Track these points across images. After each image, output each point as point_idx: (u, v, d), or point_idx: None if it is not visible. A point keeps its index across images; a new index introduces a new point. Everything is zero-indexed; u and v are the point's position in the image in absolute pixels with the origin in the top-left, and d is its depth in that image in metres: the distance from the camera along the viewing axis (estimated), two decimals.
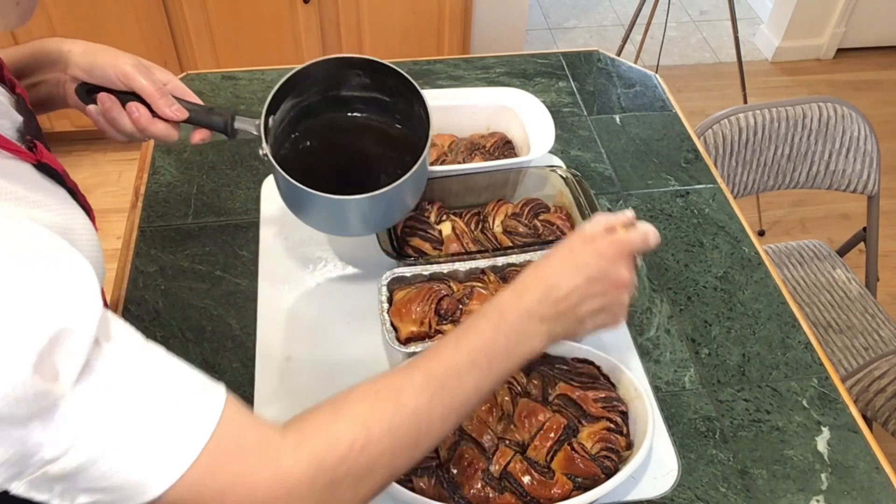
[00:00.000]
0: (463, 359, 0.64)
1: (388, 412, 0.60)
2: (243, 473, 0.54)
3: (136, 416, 0.51)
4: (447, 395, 0.62)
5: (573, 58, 1.50)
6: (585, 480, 0.81)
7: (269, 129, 0.90)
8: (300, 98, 0.95)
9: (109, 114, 0.81)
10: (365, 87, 0.97)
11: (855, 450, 0.91)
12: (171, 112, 0.82)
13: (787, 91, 3.10)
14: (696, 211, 1.20)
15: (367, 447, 0.58)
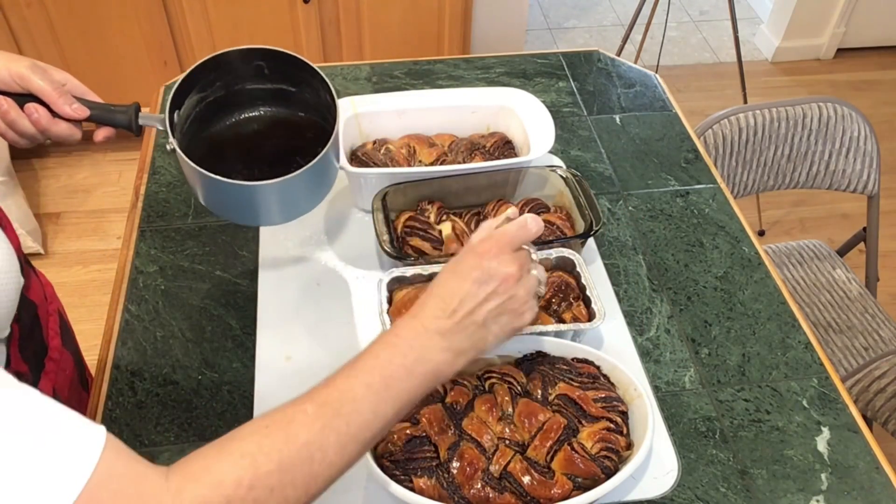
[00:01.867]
0: (357, 383, 0.63)
1: (277, 446, 0.58)
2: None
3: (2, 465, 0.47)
4: (341, 424, 0.60)
5: (573, 58, 1.50)
6: (585, 480, 0.81)
7: (176, 125, 0.89)
8: (205, 93, 0.94)
9: (7, 116, 0.79)
10: (268, 78, 0.95)
11: (855, 450, 0.91)
12: (71, 111, 0.80)
13: (787, 91, 3.10)
14: (696, 211, 1.20)
15: (256, 485, 0.56)
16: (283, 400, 0.92)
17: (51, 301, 0.95)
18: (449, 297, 0.68)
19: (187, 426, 0.90)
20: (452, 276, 0.70)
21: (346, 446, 0.61)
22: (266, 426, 0.59)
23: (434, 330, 0.67)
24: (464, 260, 0.70)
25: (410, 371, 0.65)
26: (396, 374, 0.64)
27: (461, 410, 0.86)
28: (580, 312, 0.96)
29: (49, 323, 0.91)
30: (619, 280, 1.09)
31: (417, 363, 0.65)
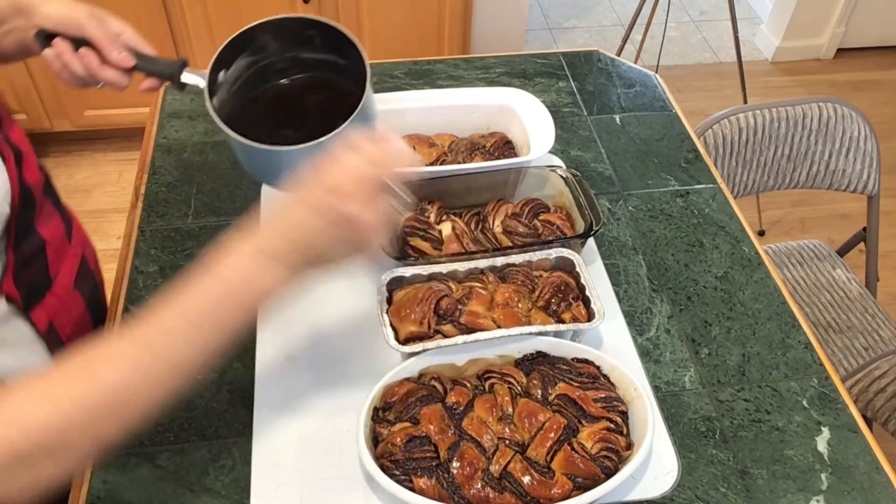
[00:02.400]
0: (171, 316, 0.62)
1: (84, 389, 0.58)
2: None
3: None
4: (156, 362, 0.61)
5: (573, 58, 1.50)
6: (585, 480, 0.81)
7: (220, 84, 0.92)
8: (257, 56, 0.95)
9: (62, 57, 0.85)
10: (319, 48, 0.95)
11: (855, 450, 0.91)
12: (117, 59, 0.86)
13: (787, 91, 3.10)
14: (696, 211, 1.20)
15: (66, 431, 0.57)
16: (284, 400, 0.92)
17: (75, 245, 0.97)
18: (294, 227, 0.66)
19: (187, 426, 0.90)
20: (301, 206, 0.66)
21: (164, 381, 0.61)
22: (76, 367, 0.60)
23: (266, 252, 0.64)
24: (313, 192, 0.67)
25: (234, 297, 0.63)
26: (217, 303, 0.63)
27: (461, 410, 0.86)
28: (580, 312, 0.96)
29: (63, 262, 0.92)
30: (619, 280, 1.09)
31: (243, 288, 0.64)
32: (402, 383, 0.88)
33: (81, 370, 0.60)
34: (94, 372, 0.59)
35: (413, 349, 0.89)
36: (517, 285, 0.97)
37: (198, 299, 0.63)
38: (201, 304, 0.62)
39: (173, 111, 1.34)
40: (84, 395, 0.58)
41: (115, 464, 0.86)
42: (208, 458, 0.87)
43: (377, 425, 0.85)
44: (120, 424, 0.60)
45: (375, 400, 0.86)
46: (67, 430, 0.57)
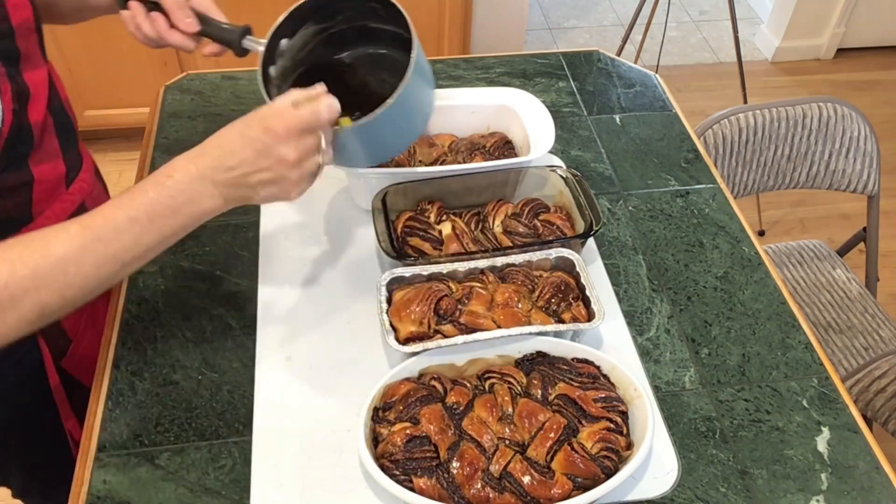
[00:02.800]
0: (122, 214, 0.71)
1: (35, 256, 0.67)
2: None
3: None
4: (100, 248, 0.70)
5: (573, 58, 1.50)
6: (585, 480, 0.81)
7: (281, 52, 0.95)
8: (325, 24, 0.98)
9: (135, 19, 0.93)
10: (385, 20, 0.97)
11: (855, 450, 0.91)
12: (184, 24, 0.92)
13: (787, 91, 3.10)
14: (696, 211, 1.20)
15: (10, 285, 0.66)
16: (284, 400, 0.92)
17: (73, 192, 0.98)
18: (230, 154, 0.75)
19: (187, 426, 0.90)
20: (239, 136, 0.76)
21: (103, 265, 0.71)
22: (30, 239, 0.69)
23: (209, 179, 0.75)
24: (253, 126, 0.76)
25: (177, 211, 0.74)
26: (163, 212, 0.73)
27: (461, 410, 0.86)
28: (580, 312, 0.96)
29: (52, 204, 0.94)
30: (619, 280, 1.09)
31: (185, 205, 0.74)
32: (402, 383, 0.88)
33: (35, 241, 0.69)
34: (46, 244, 0.69)
35: (413, 349, 0.89)
36: (517, 285, 0.97)
37: (146, 204, 0.72)
38: (149, 209, 0.72)
39: (173, 111, 1.34)
40: (34, 261, 0.67)
41: (115, 464, 0.86)
42: (208, 458, 0.87)
43: (377, 425, 0.85)
44: (62, 293, 0.69)
45: (375, 400, 0.86)
46: (15, 288, 0.66)
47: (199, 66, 2.32)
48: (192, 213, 0.75)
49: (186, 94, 1.37)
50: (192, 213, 0.75)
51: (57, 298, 0.69)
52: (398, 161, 1.14)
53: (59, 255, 0.68)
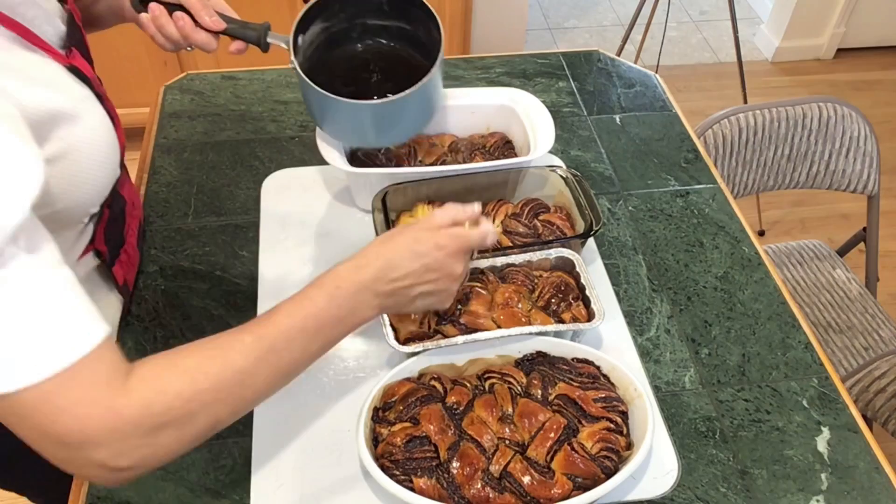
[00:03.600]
0: (294, 324, 0.71)
1: (216, 369, 0.66)
2: (83, 400, 0.60)
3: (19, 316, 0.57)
4: (274, 358, 0.69)
5: (573, 58, 1.50)
6: (585, 480, 0.81)
7: (300, 47, 1.00)
8: (329, 23, 1.04)
9: (158, 21, 0.92)
10: (387, 15, 1.05)
11: (855, 450, 0.91)
12: (210, 22, 0.92)
13: (787, 91, 3.10)
14: (696, 211, 1.20)
15: (193, 399, 0.64)
16: (284, 400, 0.92)
17: (137, 207, 1.02)
18: (395, 267, 0.76)
19: None
20: (407, 250, 0.78)
21: (273, 377, 0.70)
22: (209, 349, 0.67)
23: (372, 291, 0.75)
24: (424, 242, 0.78)
25: (342, 321, 0.74)
26: (329, 322, 0.73)
27: (461, 410, 0.86)
28: (580, 312, 0.96)
29: (132, 223, 0.99)
30: (619, 280, 1.09)
31: (350, 315, 0.75)
32: (402, 383, 0.88)
33: (214, 351, 0.67)
34: (225, 356, 0.67)
35: (413, 349, 0.89)
36: (517, 285, 0.97)
37: (315, 314, 0.72)
38: (317, 320, 0.72)
39: (173, 111, 1.34)
40: (214, 374, 0.65)
41: None
42: (208, 458, 0.87)
43: (377, 425, 0.85)
44: (235, 407, 0.68)
45: (375, 400, 0.86)
46: (196, 402, 0.64)
47: (199, 67, 2.32)
48: (352, 322, 0.75)
49: (186, 94, 1.37)
50: (352, 322, 0.75)
51: (229, 413, 0.68)
52: (398, 161, 1.14)
53: (238, 367, 0.67)
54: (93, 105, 0.76)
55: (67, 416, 0.59)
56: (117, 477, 0.63)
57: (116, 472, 0.62)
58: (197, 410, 0.65)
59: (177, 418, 0.63)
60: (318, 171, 1.22)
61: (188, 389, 0.64)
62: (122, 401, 0.61)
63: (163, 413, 0.63)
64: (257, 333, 0.69)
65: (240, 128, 1.31)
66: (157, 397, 0.63)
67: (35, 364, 0.57)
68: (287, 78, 1.42)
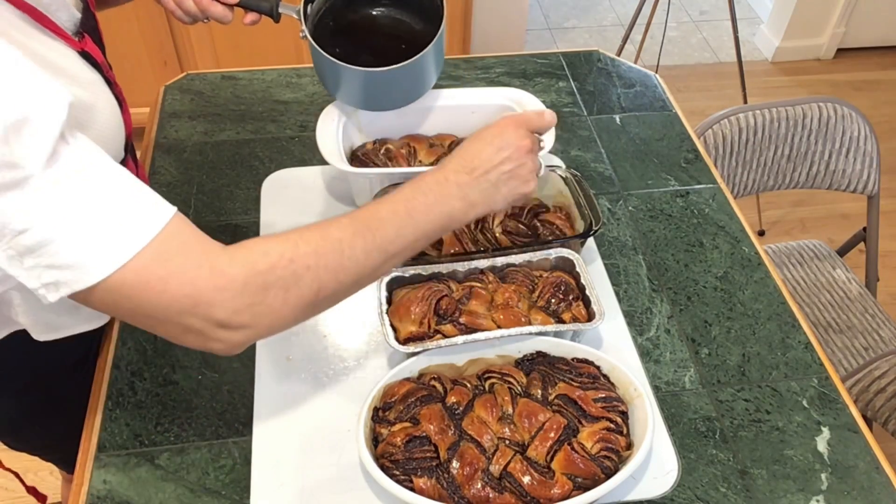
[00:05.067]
0: (385, 207, 0.76)
1: (315, 238, 0.71)
2: (185, 266, 0.64)
3: (94, 205, 0.61)
4: (368, 234, 0.74)
5: (573, 58, 1.50)
6: (585, 480, 0.81)
7: (308, 16, 1.04)
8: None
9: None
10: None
11: (855, 450, 0.91)
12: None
13: (787, 91, 3.10)
14: (696, 211, 1.20)
15: (295, 260, 0.68)
16: (284, 400, 0.92)
17: None
18: (470, 156, 0.81)
19: (187, 426, 0.90)
20: (476, 140, 0.83)
21: (370, 252, 0.74)
22: (307, 226, 0.72)
23: (454, 181, 0.80)
24: (488, 129, 0.84)
25: (430, 208, 0.78)
26: (418, 207, 0.77)
27: (461, 410, 0.86)
28: (580, 312, 0.96)
29: None
30: (619, 280, 1.09)
31: (436, 204, 0.78)
32: (402, 383, 0.88)
33: (314, 227, 0.73)
34: (323, 229, 0.73)
35: (413, 349, 0.89)
36: (517, 285, 0.97)
37: (404, 200, 0.77)
38: (407, 205, 0.77)
39: (173, 111, 1.34)
40: (315, 241, 0.71)
41: (115, 464, 0.86)
42: (208, 458, 0.87)
43: (377, 425, 0.85)
44: (336, 275, 0.72)
45: (375, 400, 0.86)
46: (298, 263, 0.69)
47: (198, 66, 2.32)
48: (441, 213, 0.79)
49: (186, 94, 1.37)
50: (441, 212, 0.79)
51: (332, 280, 0.71)
52: (398, 161, 1.14)
53: (336, 237, 0.72)
54: (101, 90, 0.79)
55: (174, 283, 0.63)
56: (239, 338, 0.67)
57: (237, 330, 0.66)
58: (300, 272, 0.68)
59: (281, 277, 0.67)
60: (318, 171, 1.22)
61: (290, 251, 0.69)
62: (225, 261, 0.66)
63: (267, 271, 0.67)
64: (352, 216, 0.75)
65: (240, 128, 1.31)
66: (261, 258, 0.67)
67: (127, 240, 0.61)
68: (287, 78, 1.42)
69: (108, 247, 0.61)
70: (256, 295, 0.66)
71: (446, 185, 0.80)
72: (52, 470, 1.67)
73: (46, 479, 1.71)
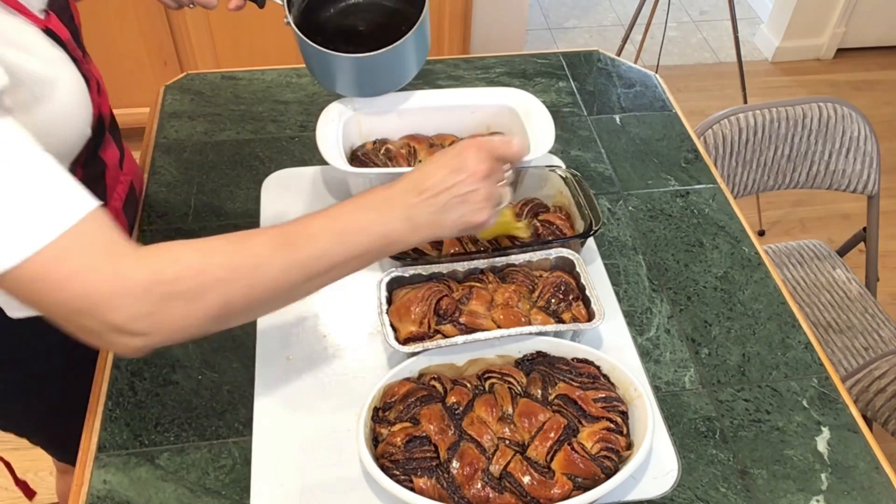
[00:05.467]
0: (318, 223, 0.72)
1: (231, 249, 0.68)
2: (87, 266, 0.62)
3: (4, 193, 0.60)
4: (291, 250, 0.70)
5: (573, 58, 1.50)
6: (585, 480, 0.81)
7: (294, 2, 1.05)
8: None
9: None
10: None
11: (855, 450, 0.91)
12: None
13: (787, 91, 3.10)
14: (696, 211, 1.20)
15: (205, 272, 0.66)
16: (284, 400, 0.92)
17: (126, 172, 1.04)
18: (423, 177, 0.77)
19: (187, 426, 0.90)
20: (432, 162, 0.79)
21: (290, 269, 0.70)
22: (226, 237, 0.70)
23: (400, 202, 0.76)
24: (446, 151, 0.81)
25: (366, 227, 0.74)
26: (354, 225, 0.74)
27: (461, 410, 0.86)
28: (580, 312, 0.96)
29: (115, 187, 1.01)
30: (619, 280, 1.09)
31: (375, 223, 0.75)
32: (402, 383, 0.88)
33: (234, 238, 0.70)
34: (243, 241, 0.70)
35: (413, 349, 0.89)
36: (517, 285, 0.97)
37: (339, 217, 0.74)
38: (340, 223, 0.73)
39: (173, 111, 1.34)
40: (229, 252, 0.68)
41: (115, 464, 0.86)
42: (208, 458, 0.87)
43: (377, 425, 0.85)
44: (248, 292, 0.68)
45: (375, 400, 0.86)
46: (208, 275, 0.66)
47: (198, 67, 2.33)
48: (379, 233, 0.74)
49: (186, 94, 1.37)
50: (378, 233, 0.74)
51: (243, 296, 0.68)
52: (398, 161, 1.14)
53: (254, 253, 0.69)
54: (65, 66, 0.78)
55: (73, 283, 0.62)
56: (136, 343, 0.65)
57: (134, 336, 0.64)
58: (209, 284, 0.66)
59: (187, 289, 0.65)
60: (318, 171, 1.22)
61: (200, 262, 0.66)
62: (130, 265, 0.63)
63: (172, 281, 0.64)
64: (279, 229, 0.71)
65: (240, 128, 1.31)
66: (168, 266, 0.65)
67: (30, 236, 0.60)
68: (287, 78, 1.42)
69: (12, 239, 0.60)
70: (156, 304, 0.64)
71: (390, 204, 0.76)
72: (52, 470, 1.67)
73: (46, 480, 1.71)
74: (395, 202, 0.76)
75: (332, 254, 0.72)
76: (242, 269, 0.68)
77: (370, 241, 0.74)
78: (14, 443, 1.14)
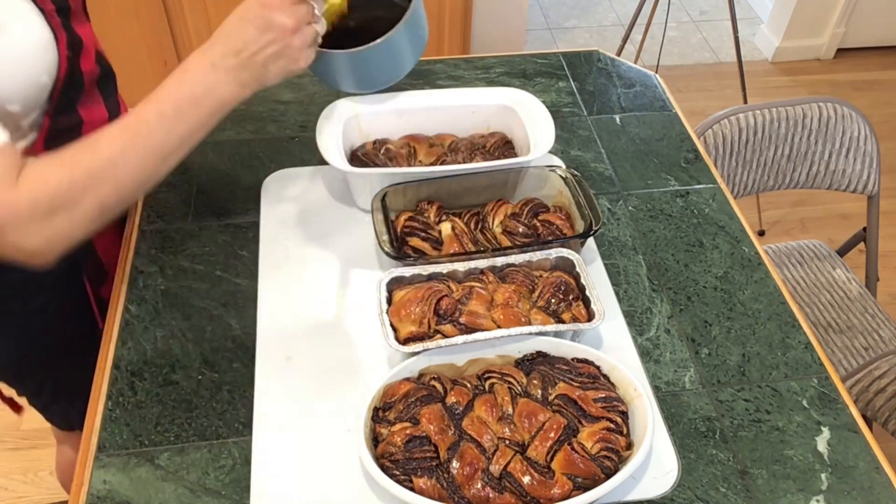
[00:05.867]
0: (152, 110, 0.79)
1: (86, 159, 0.76)
2: None
3: None
4: (139, 142, 0.78)
5: (573, 58, 1.50)
6: (585, 480, 0.81)
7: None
8: None
9: None
10: None
11: (855, 450, 0.91)
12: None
13: (787, 91, 3.10)
14: (696, 211, 1.20)
15: (72, 187, 0.75)
16: (284, 400, 0.92)
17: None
18: (235, 38, 0.82)
19: (187, 426, 0.90)
20: (239, 20, 0.83)
21: (146, 158, 0.79)
22: (79, 145, 0.77)
23: (222, 67, 0.81)
24: (249, 7, 0.83)
25: (199, 100, 0.80)
26: (187, 105, 0.80)
27: (461, 410, 0.86)
28: (580, 312, 0.96)
29: None
30: (619, 280, 1.09)
31: (205, 95, 0.81)
32: (402, 383, 0.88)
33: (85, 146, 0.77)
34: (94, 147, 0.77)
35: (413, 349, 0.89)
36: (517, 285, 0.97)
37: (171, 99, 0.80)
38: (174, 103, 0.79)
39: None
40: (86, 163, 0.76)
41: (115, 464, 0.86)
42: (208, 458, 0.87)
43: (377, 425, 0.85)
44: (116, 189, 0.77)
45: (375, 400, 0.86)
46: (76, 188, 0.75)
47: None
48: (213, 101, 0.81)
49: None
50: (212, 102, 0.81)
51: (113, 194, 0.77)
52: (398, 161, 1.14)
53: (106, 154, 0.76)
54: (24, 14, 0.81)
55: None
56: (35, 258, 0.76)
57: (32, 254, 0.75)
58: (79, 195, 0.75)
59: (63, 203, 0.74)
60: (318, 171, 1.22)
61: (66, 178, 0.74)
62: (13, 195, 0.73)
63: (49, 201, 0.73)
64: (122, 125, 0.78)
65: (240, 128, 1.31)
66: (41, 188, 0.74)
67: None
68: None
69: None
70: (43, 221, 0.73)
71: (214, 73, 0.81)
72: (52, 470, 1.67)
73: (46, 480, 1.71)
74: (218, 69, 0.81)
75: (178, 131, 0.79)
76: (104, 171, 0.76)
77: (207, 110, 0.81)
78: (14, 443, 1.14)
